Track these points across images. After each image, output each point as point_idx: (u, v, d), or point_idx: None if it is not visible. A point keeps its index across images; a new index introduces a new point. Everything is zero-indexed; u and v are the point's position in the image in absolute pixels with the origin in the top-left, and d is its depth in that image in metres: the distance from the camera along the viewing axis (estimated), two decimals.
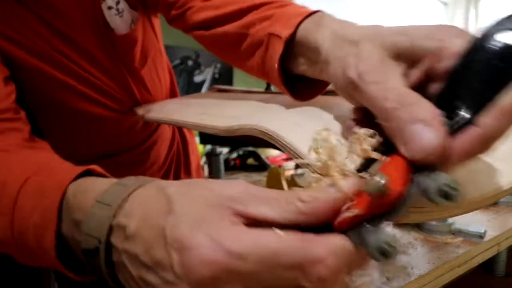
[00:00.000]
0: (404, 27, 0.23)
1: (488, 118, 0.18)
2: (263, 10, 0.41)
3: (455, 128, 0.18)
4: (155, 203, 0.20)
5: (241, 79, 2.23)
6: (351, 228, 0.17)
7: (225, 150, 1.67)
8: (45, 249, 0.26)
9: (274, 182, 0.72)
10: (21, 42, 0.50)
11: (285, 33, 0.34)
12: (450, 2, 2.69)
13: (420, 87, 0.21)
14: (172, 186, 0.21)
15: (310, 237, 0.17)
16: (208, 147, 1.39)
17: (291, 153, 0.28)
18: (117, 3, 0.53)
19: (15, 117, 0.45)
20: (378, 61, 0.22)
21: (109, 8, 0.53)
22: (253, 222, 0.18)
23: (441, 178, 0.16)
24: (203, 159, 1.59)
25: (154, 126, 0.70)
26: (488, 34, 0.19)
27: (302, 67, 0.34)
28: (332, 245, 0.17)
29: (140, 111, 0.62)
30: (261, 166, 1.64)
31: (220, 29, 0.46)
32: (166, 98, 0.73)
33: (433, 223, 0.54)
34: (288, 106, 0.47)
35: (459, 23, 2.72)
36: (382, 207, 0.17)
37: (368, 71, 0.22)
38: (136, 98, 0.63)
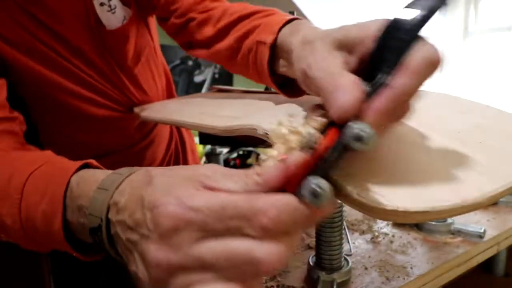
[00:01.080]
0: (345, 24, 0.28)
1: (396, 78, 0.22)
2: (251, 20, 0.47)
3: (373, 91, 0.22)
4: (141, 181, 0.25)
5: (241, 79, 2.23)
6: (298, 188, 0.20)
7: (225, 150, 1.67)
8: (53, 233, 0.31)
9: None
10: (8, 38, 0.50)
11: (269, 39, 0.39)
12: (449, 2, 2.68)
13: (361, 71, 0.26)
14: (157, 169, 0.26)
15: (256, 194, 0.21)
16: (208, 147, 1.39)
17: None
18: None
19: (10, 116, 0.46)
20: (324, 53, 0.27)
21: (101, 4, 0.53)
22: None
23: (356, 125, 0.20)
24: (203, 159, 1.59)
25: (150, 126, 0.70)
26: (397, 16, 0.24)
27: (283, 68, 0.39)
28: (273, 199, 0.20)
29: (139, 110, 0.62)
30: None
31: (218, 46, 0.51)
32: (163, 99, 0.72)
33: (433, 223, 0.54)
34: (287, 106, 0.47)
35: (459, 23, 2.72)
36: (317, 160, 0.21)
37: (315, 61, 0.27)
38: (129, 96, 0.62)
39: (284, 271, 0.44)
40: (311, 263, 0.43)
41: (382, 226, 0.58)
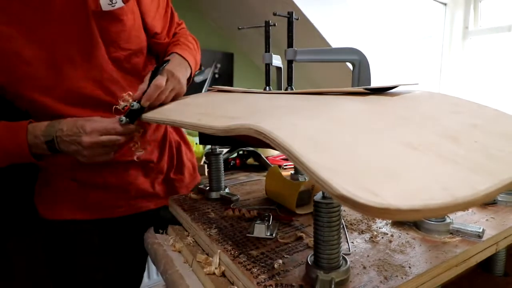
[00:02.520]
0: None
1: (149, 90, 0.65)
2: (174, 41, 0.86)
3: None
4: (71, 121, 0.64)
5: (241, 79, 2.23)
6: None
7: (225, 150, 1.67)
8: (21, 148, 0.62)
9: (273, 182, 0.72)
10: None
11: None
12: (449, 2, 2.68)
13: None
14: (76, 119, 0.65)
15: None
16: (208, 147, 1.39)
17: (285, 152, 0.28)
18: None
19: None
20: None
21: None
22: None
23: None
24: (203, 159, 1.59)
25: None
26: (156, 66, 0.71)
27: None
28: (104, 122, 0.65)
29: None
30: (261, 166, 1.64)
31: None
32: None
33: (432, 222, 0.54)
34: (285, 107, 0.47)
35: (458, 24, 2.72)
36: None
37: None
38: (111, 90, 0.73)
39: (283, 270, 0.44)
40: (309, 262, 0.43)
41: (381, 226, 0.58)
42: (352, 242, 0.52)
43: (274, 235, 0.55)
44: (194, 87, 2.11)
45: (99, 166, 0.73)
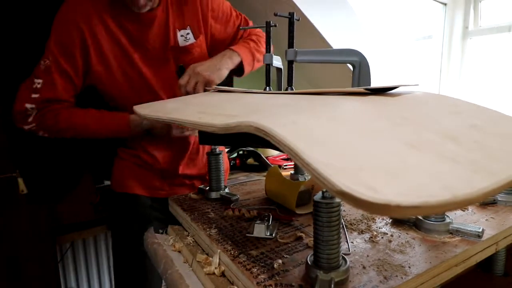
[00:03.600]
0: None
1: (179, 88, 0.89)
2: None
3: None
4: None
5: (241, 79, 2.22)
6: None
7: (225, 150, 1.67)
8: (123, 123, 0.93)
9: (273, 182, 0.72)
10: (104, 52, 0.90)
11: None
12: (449, 3, 2.68)
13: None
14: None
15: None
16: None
17: (285, 149, 0.28)
18: (187, 34, 0.95)
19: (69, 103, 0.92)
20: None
21: (181, 36, 0.95)
22: None
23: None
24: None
25: None
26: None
27: None
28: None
29: (139, 109, 0.62)
30: (261, 166, 1.64)
31: None
32: None
33: (431, 222, 0.54)
34: (286, 106, 0.47)
35: (458, 24, 2.72)
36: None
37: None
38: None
39: (283, 270, 0.44)
40: (309, 262, 0.43)
41: (381, 226, 0.58)
42: (352, 242, 0.52)
43: (274, 235, 0.55)
44: None
45: (158, 153, 1.02)
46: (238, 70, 1.01)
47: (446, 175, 0.21)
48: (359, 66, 0.74)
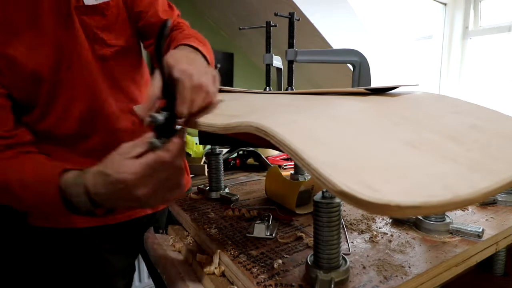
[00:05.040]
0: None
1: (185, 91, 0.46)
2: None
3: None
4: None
5: (241, 79, 2.23)
6: None
7: (225, 150, 1.67)
8: (54, 204, 0.50)
9: (273, 182, 0.72)
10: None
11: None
12: (449, 3, 2.69)
13: None
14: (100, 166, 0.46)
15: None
16: (208, 147, 1.39)
17: (285, 149, 0.28)
18: None
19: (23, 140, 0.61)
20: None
21: None
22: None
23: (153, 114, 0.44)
24: (203, 159, 1.59)
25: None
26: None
27: None
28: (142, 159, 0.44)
29: (138, 109, 0.62)
30: (261, 166, 1.64)
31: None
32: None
33: (431, 222, 0.54)
34: (286, 105, 0.47)
35: (458, 24, 2.72)
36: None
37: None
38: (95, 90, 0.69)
39: (283, 270, 0.44)
40: (309, 262, 0.43)
41: (381, 226, 0.58)
42: (352, 242, 0.52)
43: (274, 235, 0.55)
44: None
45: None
46: None
47: (446, 175, 0.21)
48: (359, 66, 0.74)
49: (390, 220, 0.60)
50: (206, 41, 0.72)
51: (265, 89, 0.77)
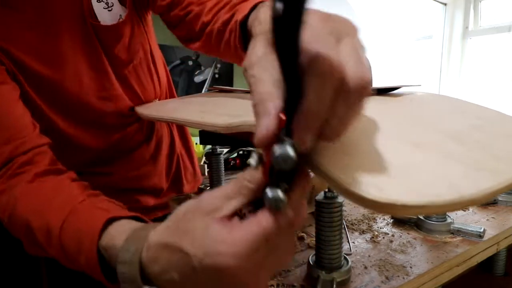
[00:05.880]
0: None
1: (306, 102, 0.21)
2: (235, 5, 0.47)
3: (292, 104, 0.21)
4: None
5: (241, 79, 2.23)
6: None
7: (225, 150, 1.67)
8: (94, 271, 0.36)
9: None
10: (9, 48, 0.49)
11: (240, 16, 0.42)
12: (449, 3, 2.69)
13: None
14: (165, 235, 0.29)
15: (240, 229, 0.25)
16: (208, 147, 1.39)
17: None
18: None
19: (42, 143, 0.47)
20: (260, 55, 0.25)
21: (98, 1, 0.54)
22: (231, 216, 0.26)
23: (278, 149, 0.21)
24: (203, 159, 1.58)
25: (150, 126, 0.69)
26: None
27: None
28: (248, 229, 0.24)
29: (140, 109, 0.62)
30: None
31: (208, 32, 0.52)
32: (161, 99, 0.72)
33: (433, 222, 0.54)
34: None
35: (458, 24, 2.73)
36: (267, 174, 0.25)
37: (249, 65, 0.25)
38: (117, 97, 0.61)
39: (285, 270, 0.44)
40: (311, 262, 0.43)
41: (382, 226, 0.58)
42: (353, 242, 0.52)
43: None
44: (194, 87, 2.12)
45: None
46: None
47: (451, 175, 0.21)
48: None
49: (391, 220, 0.60)
50: None
51: None
